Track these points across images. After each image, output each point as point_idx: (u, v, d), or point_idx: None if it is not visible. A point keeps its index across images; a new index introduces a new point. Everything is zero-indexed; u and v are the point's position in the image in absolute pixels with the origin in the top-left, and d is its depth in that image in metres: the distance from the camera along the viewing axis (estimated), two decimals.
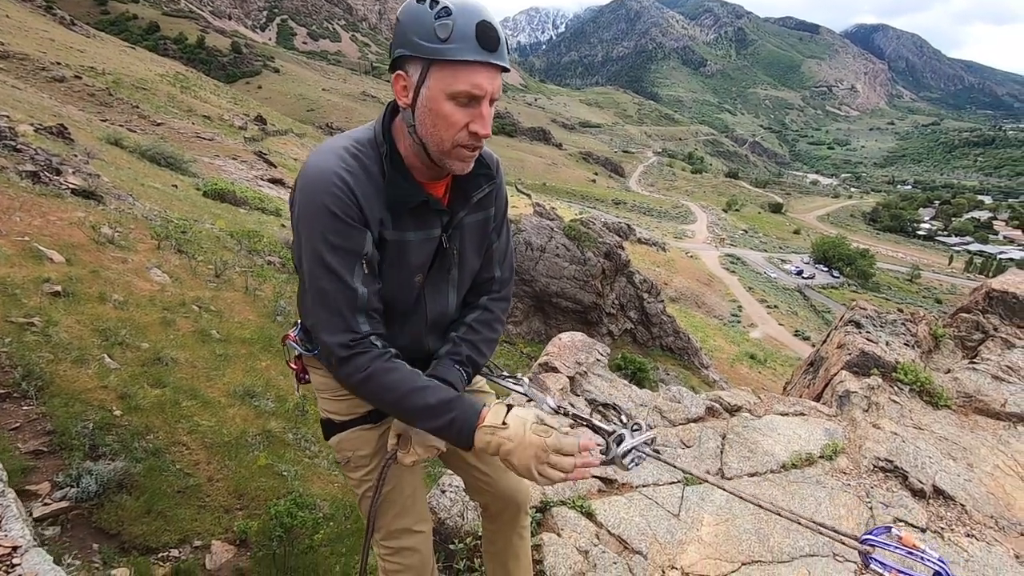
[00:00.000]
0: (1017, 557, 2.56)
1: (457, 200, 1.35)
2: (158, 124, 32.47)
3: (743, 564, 2.43)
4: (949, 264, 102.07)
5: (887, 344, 3.96)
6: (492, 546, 1.75)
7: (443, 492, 2.45)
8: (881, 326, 4.14)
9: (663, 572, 2.35)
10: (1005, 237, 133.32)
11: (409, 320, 1.39)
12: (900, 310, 4.39)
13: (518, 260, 28.36)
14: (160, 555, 3.87)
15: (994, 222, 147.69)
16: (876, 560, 1.08)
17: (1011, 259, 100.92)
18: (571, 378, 3.32)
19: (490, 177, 1.39)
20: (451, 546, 2.29)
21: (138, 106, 35.34)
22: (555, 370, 3.34)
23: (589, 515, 2.50)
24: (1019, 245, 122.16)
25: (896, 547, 1.07)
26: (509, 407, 1.21)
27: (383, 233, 1.26)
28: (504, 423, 1.17)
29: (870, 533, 1.11)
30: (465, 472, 1.62)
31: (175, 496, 4.37)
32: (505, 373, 1.51)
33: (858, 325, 4.15)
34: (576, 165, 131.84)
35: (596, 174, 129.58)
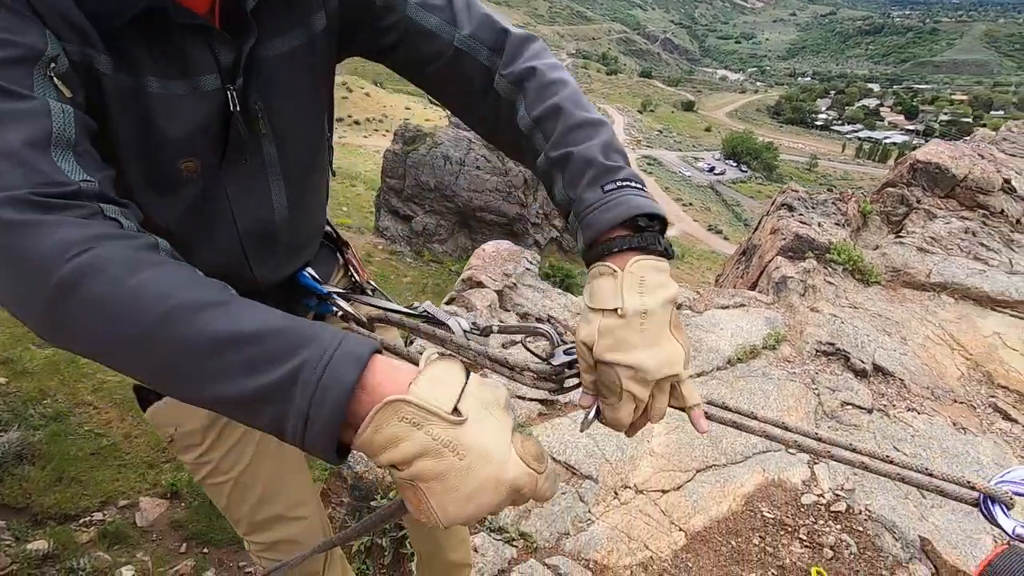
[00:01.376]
0: (955, 424, 2.57)
1: (235, 15, 0.73)
2: None
3: (697, 471, 2.26)
4: (842, 151, 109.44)
5: (819, 225, 3.85)
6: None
7: None
8: (813, 207, 4.01)
9: (616, 493, 2.14)
10: (890, 123, 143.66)
11: (207, 235, 0.84)
12: (830, 190, 4.28)
13: (437, 176, 27.02)
14: (82, 521, 3.46)
15: (881, 109, 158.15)
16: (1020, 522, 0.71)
17: (894, 143, 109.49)
18: (499, 292, 2.93)
19: None
20: (373, 503, 1.93)
21: None
22: (481, 284, 2.93)
23: None
24: (902, 130, 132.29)
25: None
26: (468, 372, 0.57)
27: (94, 64, 0.65)
28: (457, 410, 0.52)
29: (1006, 475, 0.74)
30: None
31: (89, 459, 3.85)
32: (394, 305, 0.97)
33: (791, 208, 4.00)
34: None
35: None
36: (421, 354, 0.59)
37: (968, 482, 0.71)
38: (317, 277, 1.00)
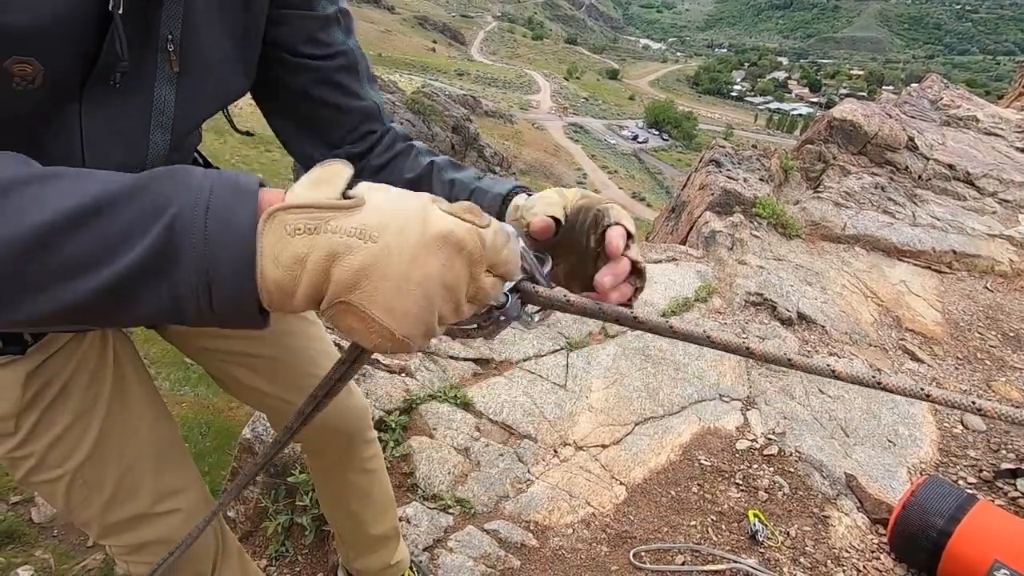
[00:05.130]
0: (871, 366, 2.69)
1: None
2: None
3: (636, 424, 2.22)
4: (754, 122, 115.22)
5: (745, 180, 3.90)
6: (325, 488, 1.21)
7: None
8: (739, 163, 4.06)
9: (555, 451, 2.05)
10: (797, 95, 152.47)
11: None
12: (754, 146, 4.36)
13: None
14: None
15: (789, 82, 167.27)
16: None
17: (800, 115, 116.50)
18: None
19: None
20: (291, 478, 1.73)
21: None
22: None
23: (466, 406, 2.07)
24: (807, 102, 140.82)
25: None
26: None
27: None
28: (348, 195, 0.43)
29: None
30: (249, 395, 1.00)
31: None
32: None
33: (718, 164, 4.03)
34: (412, 32, 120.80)
35: (435, 42, 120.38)
36: None
37: None
38: None
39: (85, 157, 0.61)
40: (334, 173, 0.44)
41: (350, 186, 0.44)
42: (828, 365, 0.62)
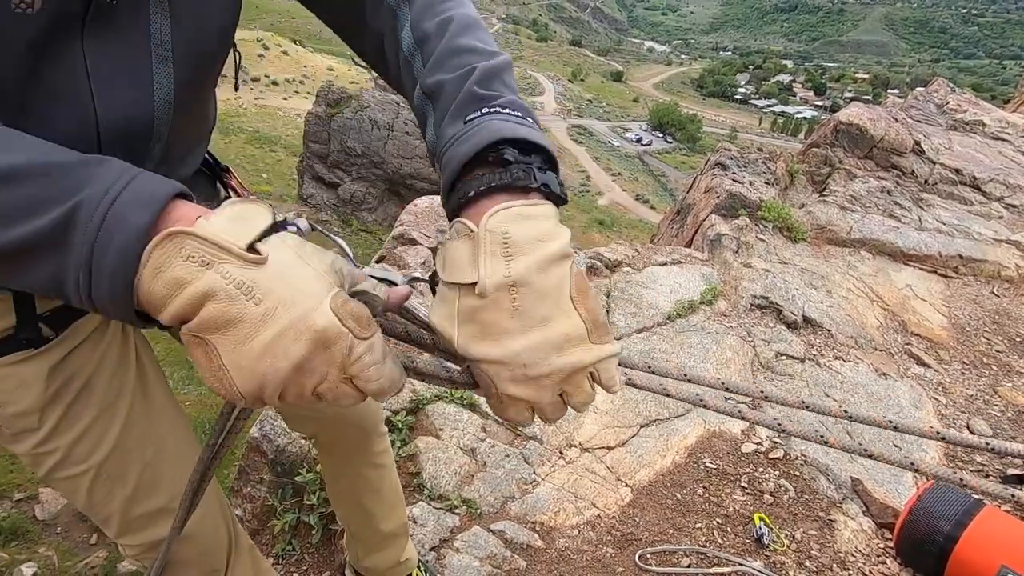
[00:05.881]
0: (876, 371, 2.69)
1: None
2: None
3: (642, 426, 2.23)
4: (759, 125, 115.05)
5: (751, 184, 3.90)
6: (337, 484, 1.22)
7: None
8: (744, 166, 4.06)
9: (561, 453, 2.06)
10: (801, 98, 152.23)
11: (48, 117, 0.58)
12: (760, 149, 4.36)
13: (364, 141, 25.79)
14: None
15: (794, 85, 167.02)
16: None
17: (804, 118, 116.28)
18: (433, 249, 2.75)
19: None
20: (298, 477, 1.74)
21: None
22: (413, 242, 2.73)
23: (472, 406, 2.08)
24: (812, 105, 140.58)
25: None
26: (277, 222, 0.47)
27: None
28: (255, 250, 0.44)
29: None
30: None
31: None
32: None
33: (724, 167, 4.03)
34: None
35: None
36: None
37: None
38: None
39: (94, 95, 0.59)
40: (255, 214, 0.46)
41: (275, 229, 0.46)
42: (818, 432, 0.69)
